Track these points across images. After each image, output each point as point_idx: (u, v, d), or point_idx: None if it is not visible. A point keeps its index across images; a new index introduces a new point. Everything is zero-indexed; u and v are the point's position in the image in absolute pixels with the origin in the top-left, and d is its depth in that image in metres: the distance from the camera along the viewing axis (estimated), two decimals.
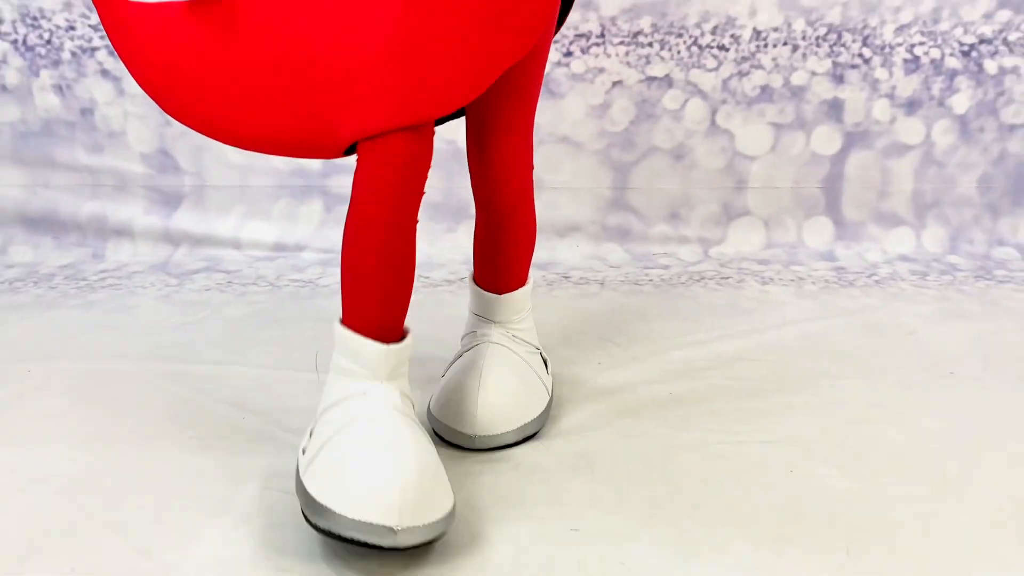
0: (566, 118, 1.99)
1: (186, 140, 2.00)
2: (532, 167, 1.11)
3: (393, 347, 0.86)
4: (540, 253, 1.69)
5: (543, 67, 1.06)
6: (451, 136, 1.66)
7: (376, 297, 0.87)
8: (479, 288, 1.15)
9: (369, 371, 0.86)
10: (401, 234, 0.88)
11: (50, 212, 2.03)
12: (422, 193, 0.89)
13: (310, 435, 0.87)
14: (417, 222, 0.89)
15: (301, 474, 0.83)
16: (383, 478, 0.75)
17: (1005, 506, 0.91)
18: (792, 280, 1.84)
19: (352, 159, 0.88)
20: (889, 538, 0.84)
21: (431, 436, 0.95)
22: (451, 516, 0.80)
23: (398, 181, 0.85)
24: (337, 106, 0.87)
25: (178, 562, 0.81)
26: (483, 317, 1.15)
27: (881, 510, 0.89)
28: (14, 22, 1.94)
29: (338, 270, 0.91)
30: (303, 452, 0.85)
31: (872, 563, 0.80)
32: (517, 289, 1.14)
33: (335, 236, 2.00)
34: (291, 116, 0.89)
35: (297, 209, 2.04)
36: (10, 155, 2.01)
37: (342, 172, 2.02)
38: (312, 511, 0.78)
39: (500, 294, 1.13)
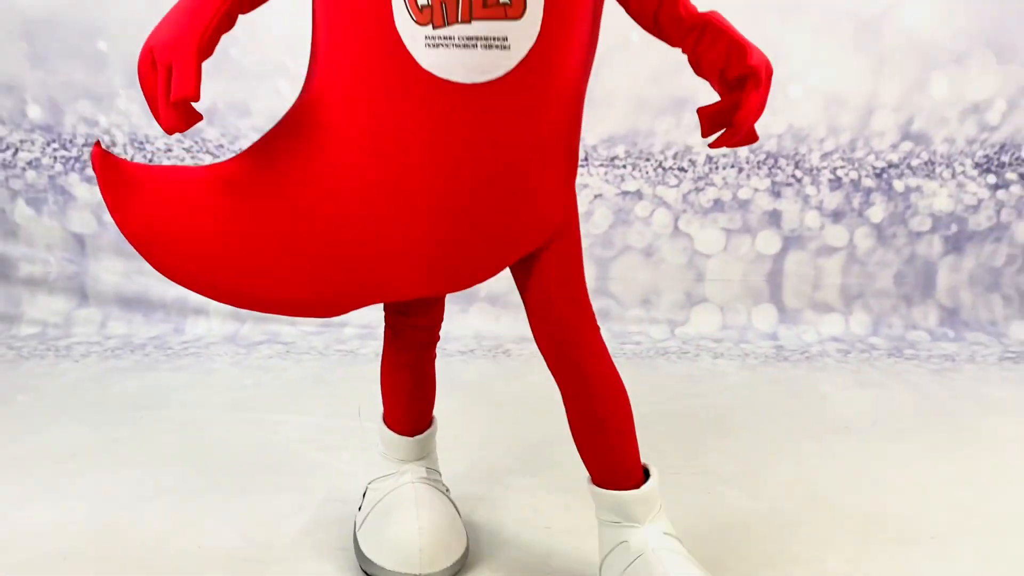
0: None
1: None
2: (597, 328, 1.07)
3: (419, 437, 1.22)
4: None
5: (576, 237, 1.05)
6: None
7: (404, 409, 1.22)
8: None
9: (403, 455, 1.22)
10: (421, 367, 1.22)
11: (142, 294, 2.51)
12: (438, 339, 1.23)
13: (363, 497, 1.22)
14: (436, 356, 1.24)
15: (357, 530, 1.18)
16: (406, 537, 1.10)
17: (869, 517, 1.34)
18: (739, 355, 2.29)
19: None
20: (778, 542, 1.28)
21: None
22: (464, 557, 1.13)
23: (419, 336, 1.20)
24: (363, 279, 0.97)
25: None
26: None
27: (777, 526, 1.30)
28: (124, 145, 2.47)
29: (373, 342, 1.36)
30: (359, 509, 1.21)
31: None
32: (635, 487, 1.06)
33: (371, 314, 2.47)
34: (309, 284, 0.97)
35: None
36: (113, 248, 2.51)
37: None
38: (363, 560, 1.13)
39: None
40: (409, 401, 1.21)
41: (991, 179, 2.45)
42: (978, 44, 2.36)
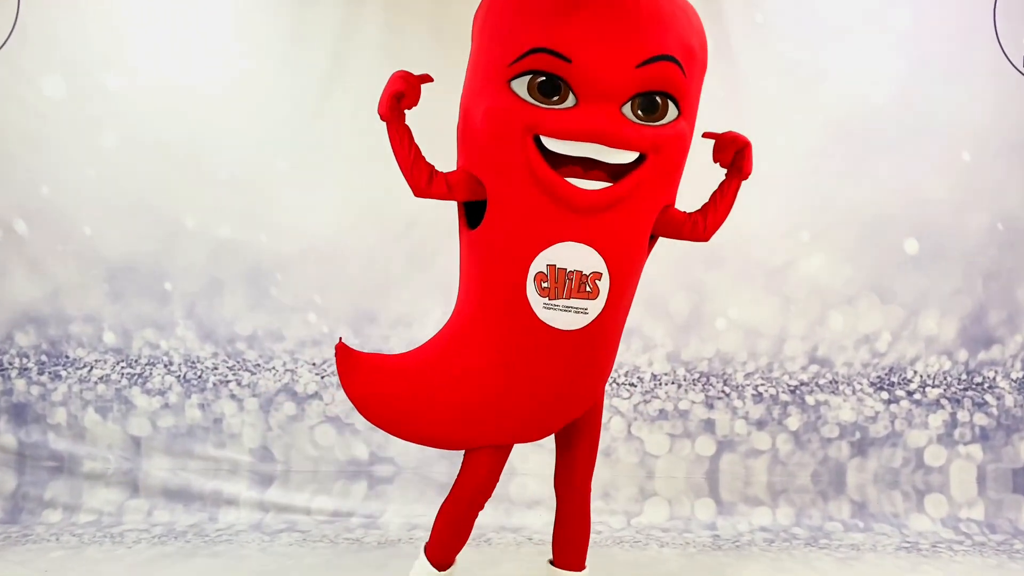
0: None
1: (281, 440, 3.02)
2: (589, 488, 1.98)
3: (445, 572, 1.90)
4: (513, 519, 2.67)
5: (599, 415, 1.94)
6: None
7: (448, 549, 1.91)
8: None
9: None
10: (471, 518, 1.90)
11: (184, 487, 3.00)
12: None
13: None
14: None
15: None
16: None
17: None
18: (680, 544, 2.75)
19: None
20: None
21: None
22: None
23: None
24: (482, 434, 1.83)
25: None
26: None
27: None
28: (179, 365, 3.04)
29: (375, 531, 1.91)
30: None
31: None
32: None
33: (375, 506, 2.95)
34: (451, 433, 1.84)
35: (349, 488, 3.01)
36: (163, 449, 3.02)
37: (384, 461, 3.01)
38: None
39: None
40: (454, 546, 1.93)
41: (884, 395, 2.99)
42: (864, 289, 2.97)
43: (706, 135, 1.84)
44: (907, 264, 2.95)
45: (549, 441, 3.03)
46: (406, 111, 1.77)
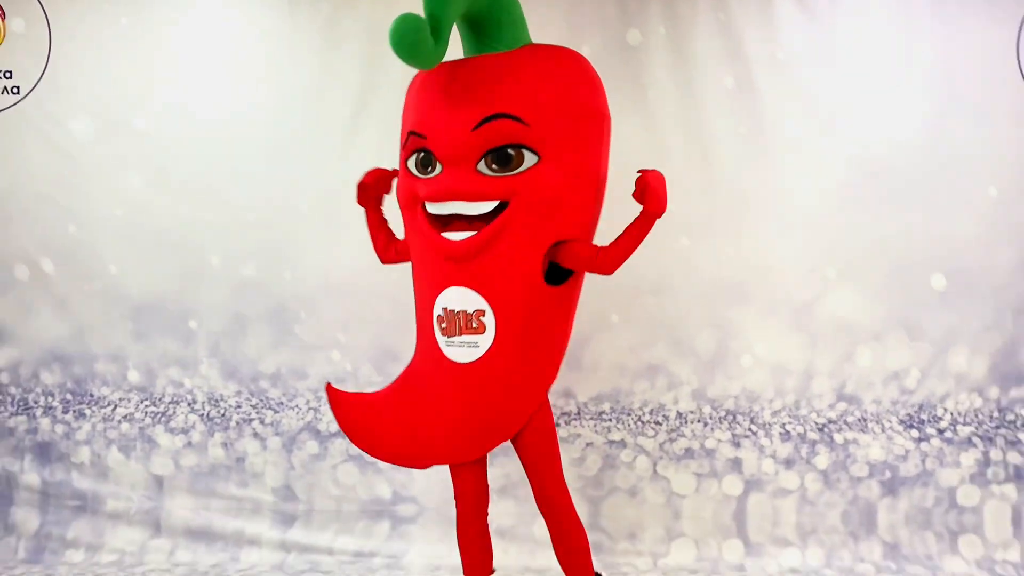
0: None
1: (304, 479, 3.00)
2: (570, 504, 2.12)
3: None
4: (538, 560, 2.64)
5: (548, 433, 2.09)
6: None
7: (476, 566, 2.20)
8: None
9: None
10: (479, 531, 2.17)
11: (206, 527, 2.98)
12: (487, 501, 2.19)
13: None
14: (488, 524, 2.18)
15: None
16: None
17: None
18: None
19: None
20: None
21: None
22: None
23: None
24: (428, 454, 2.13)
25: None
26: None
27: None
28: (203, 403, 3.03)
29: (400, 572, 2.13)
30: None
31: None
32: None
33: (398, 546, 2.92)
34: (409, 453, 2.15)
35: (372, 527, 2.98)
36: (186, 488, 3.01)
37: (407, 500, 2.98)
38: None
39: None
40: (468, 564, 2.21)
41: (914, 433, 2.94)
42: (893, 325, 2.92)
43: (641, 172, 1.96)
44: (935, 300, 2.90)
45: (575, 480, 3.02)
46: (384, 195, 2.25)
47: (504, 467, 2.86)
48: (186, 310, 3.02)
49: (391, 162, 2.22)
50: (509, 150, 1.88)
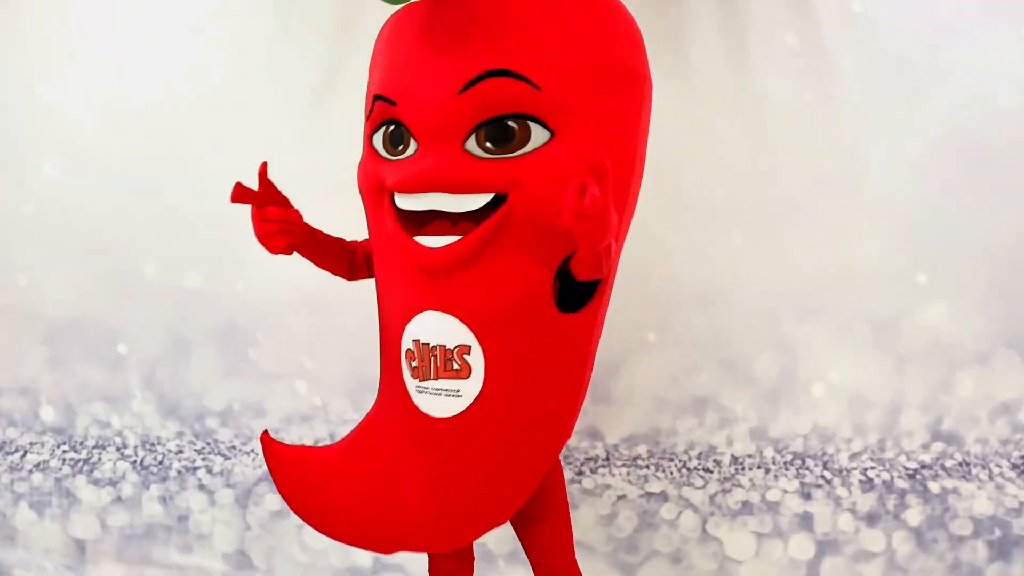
0: (579, 525, 2.38)
1: (262, 542, 2.45)
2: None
3: None
4: None
5: (557, 504, 1.63)
6: None
7: None
8: None
9: None
10: None
11: None
12: None
13: None
14: None
15: None
16: None
17: None
18: None
19: None
20: None
21: None
22: None
23: None
24: (401, 537, 1.55)
25: None
26: None
27: None
28: (135, 447, 2.49)
29: None
30: None
31: None
32: None
33: None
34: (371, 535, 1.58)
35: None
36: (114, 553, 2.48)
37: (391, 570, 2.41)
38: None
39: None
40: None
41: None
42: (1001, 344, 2.37)
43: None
44: None
45: (603, 543, 2.46)
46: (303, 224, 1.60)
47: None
48: (114, 331, 2.50)
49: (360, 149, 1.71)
50: (510, 122, 1.34)
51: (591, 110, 1.38)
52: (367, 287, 2.47)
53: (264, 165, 1.49)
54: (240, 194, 1.46)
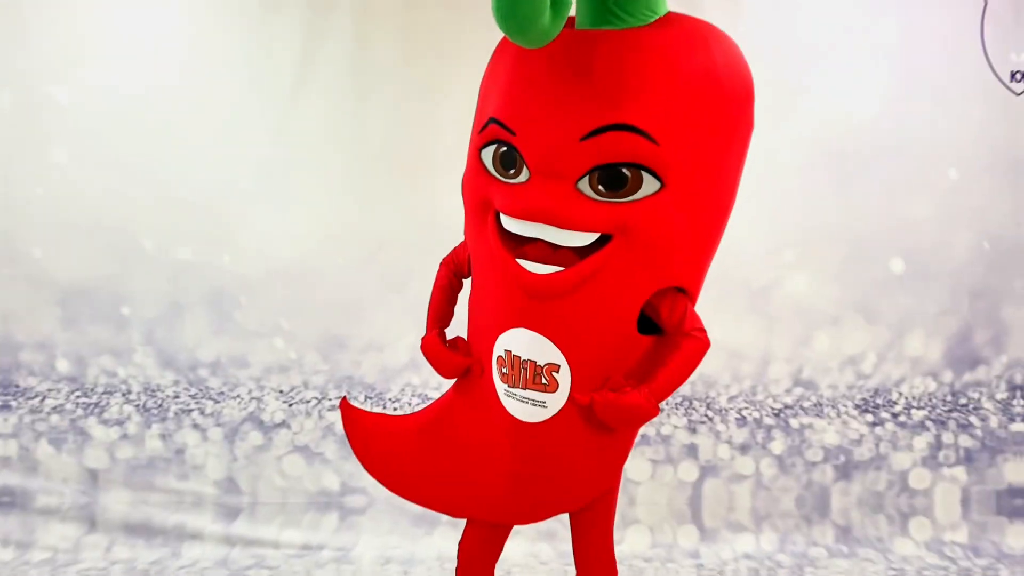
0: None
1: (247, 471, 2.88)
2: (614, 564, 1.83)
3: None
4: None
5: (611, 502, 1.79)
6: None
7: None
8: None
9: None
10: None
11: (145, 522, 2.85)
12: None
13: None
14: None
15: None
16: None
17: None
18: (663, 573, 2.68)
19: None
20: None
21: None
22: None
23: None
24: (475, 504, 1.73)
25: None
26: None
27: None
28: (138, 393, 2.88)
29: (350, 566, 2.17)
30: None
31: None
32: None
33: (347, 539, 2.82)
34: (448, 498, 1.76)
35: (319, 520, 2.88)
36: (122, 481, 2.87)
37: (356, 492, 2.88)
38: None
39: None
40: None
41: (869, 418, 2.93)
42: (850, 309, 2.89)
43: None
44: (893, 284, 2.88)
45: None
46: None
47: None
48: (118, 296, 2.84)
49: (339, 136, 1.94)
50: (625, 170, 1.39)
51: (702, 165, 1.43)
52: (336, 261, 2.90)
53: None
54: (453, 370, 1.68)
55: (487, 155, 1.49)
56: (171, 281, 2.84)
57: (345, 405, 1.82)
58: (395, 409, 2.88)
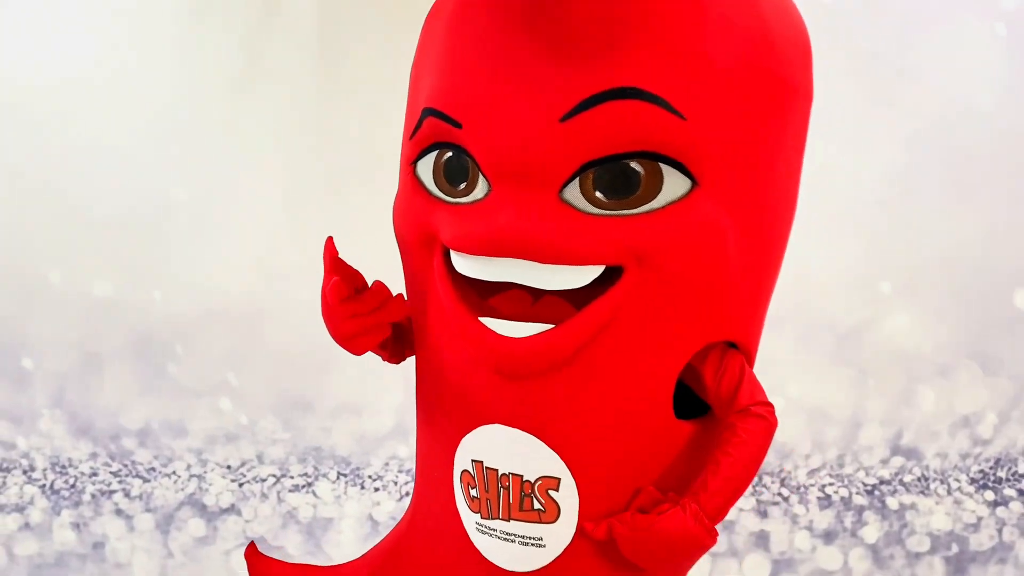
0: None
1: (186, 570, 2.30)
2: None
3: None
4: None
5: None
6: None
7: None
8: None
9: None
10: None
11: None
12: None
13: None
14: None
15: None
16: None
17: None
18: None
19: None
20: None
21: None
22: None
23: None
24: None
25: None
26: None
27: None
28: (44, 470, 2.35)
29: None
30: None
31: None
32: None
33: None
34: None
35: None
36: None
37: None
38: None
39: None
40: None
41: (989, 495, 2.39)
42: (963, 356, 2.39)
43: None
44: (1018, 324, 2.39)
45: None
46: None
47: None
48: (16, 344, 2.40)
49: (296, 139, 1.58)
50: (634, 164, 0.90)
51: (750, 152, 0.96)
52: (296, 298, 2.36)
53: (330, 241, 1.05)
54: (335, 293, 1.02)
55: (424, 168, 1.02)
56: (85, 324, 2.41)
57: (252, 553, 1.29)
58: (376, 491, 2.37)
